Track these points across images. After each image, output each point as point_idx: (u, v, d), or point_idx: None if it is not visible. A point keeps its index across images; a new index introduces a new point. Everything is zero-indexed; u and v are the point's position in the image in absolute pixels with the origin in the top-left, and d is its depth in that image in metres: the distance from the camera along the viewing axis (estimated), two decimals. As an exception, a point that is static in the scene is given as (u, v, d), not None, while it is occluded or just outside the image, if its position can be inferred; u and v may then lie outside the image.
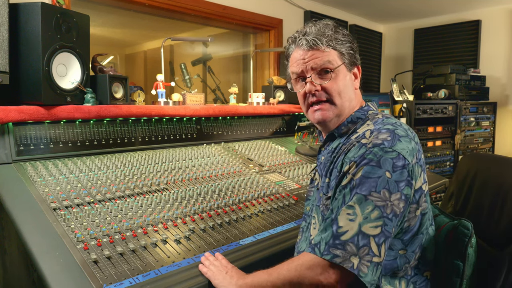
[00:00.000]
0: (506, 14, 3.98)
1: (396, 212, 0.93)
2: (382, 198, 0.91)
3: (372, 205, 0.91)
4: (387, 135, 0.99)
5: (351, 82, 1.15)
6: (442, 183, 2.48)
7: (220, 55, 3.84)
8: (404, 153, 0.96)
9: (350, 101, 1.14)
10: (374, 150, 0.96)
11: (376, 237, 0.89)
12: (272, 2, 3.40)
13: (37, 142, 1.57)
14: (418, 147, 1.04)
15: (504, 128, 4.04)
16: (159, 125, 1.99)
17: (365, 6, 4.03)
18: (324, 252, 0.90)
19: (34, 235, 1.13)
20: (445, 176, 2.87)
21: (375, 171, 0.93)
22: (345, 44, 1.12)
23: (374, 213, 0.90)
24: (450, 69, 3.67)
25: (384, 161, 0.94)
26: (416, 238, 1.04)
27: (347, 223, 0.90)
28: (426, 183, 1.04)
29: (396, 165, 0.94)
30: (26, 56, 1.52)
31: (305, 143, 2.49)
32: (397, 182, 0.93)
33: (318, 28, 1.11)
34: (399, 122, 1.07)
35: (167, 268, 1.12)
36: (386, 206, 0.91)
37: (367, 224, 0.89)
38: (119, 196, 1.46)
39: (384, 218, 0.90)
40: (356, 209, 0.91)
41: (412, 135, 1.04)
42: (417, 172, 1.00)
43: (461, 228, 1.07)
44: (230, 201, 1.57)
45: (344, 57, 1.12)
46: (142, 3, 2.57)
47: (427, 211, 1.06)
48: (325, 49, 1.09)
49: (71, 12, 1.62)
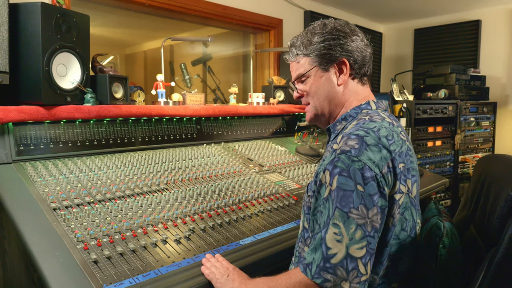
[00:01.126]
0: (506, 14, 3.98)
1: (376, 228, 0.96)
2: (361, 216, 0.94)
3: (354, 224, 0.94)
4: (355, 142, 0.99)
5: (329, 80, 1.16)
6: (442, 183, 2.48)
7: (220, 55, 3.84)
8: (370, 164, 0.95)
9: (329, 99, 1.17)
10: (341, 157, 0.97)
11: (362, 258, 0.93)
12: (272, 2, 3.40)
13: (37, 142, 1.57)
14: (394, 155, 1.00)
15: (504, 128, 4.04)
16: (159, 125, 1.99)
17: (365, 6, 4.03)
18: (315, 275, 0.94)
19: (34, 235, 1.13)
20: (445, 176, 2.87)
21: (347, 182, 0.95)
22: (319, 44, 1.14)
23: (357, 233, 0.93)
24: (450, 69, 3.67)
25: (353, 171, 0.95)
26: (384, 250, 1.04)
27: (335, 244, 0.94)
28: (402, 194, 1.01)
29: (365, 177, 0.95)
30: (26, 56, 1.52)
31: (305, 143, 2.49)
32: (371, 196, 0.95)
33: (295, 39, 1.21)
34: (377, 127, 1.03)
35: (167, 268, 1.12)
36: (366, 224, 0.94)
37: (354, 245, 0.93)
38: (119, 196, 1.46)
39: (367, 237, 0.94)
40: (341, 228, 0.94)
41: (387, 143, 1.00)
42: (391, 181, 0.99)
43: (434, 229, 1.06)
44: (230, 201, 1.57)
45: (315, 60, 1.16)
46: (142, 3, 2.57)
47: (397, 224, 1.04)
48: (298, 59, 1.20)
49: (71, 12, 1.62)
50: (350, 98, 1.17)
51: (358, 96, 1.18)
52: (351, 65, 1.15)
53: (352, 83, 1.17)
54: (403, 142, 1.06)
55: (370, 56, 1.19)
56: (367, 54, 1.17)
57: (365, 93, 1.19)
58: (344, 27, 1.16)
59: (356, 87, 1.18)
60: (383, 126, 1.05)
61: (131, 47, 4.37)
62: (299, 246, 1.17)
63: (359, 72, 1.17)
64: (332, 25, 1.16)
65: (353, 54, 1.14)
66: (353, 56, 1.15)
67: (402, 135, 1.09)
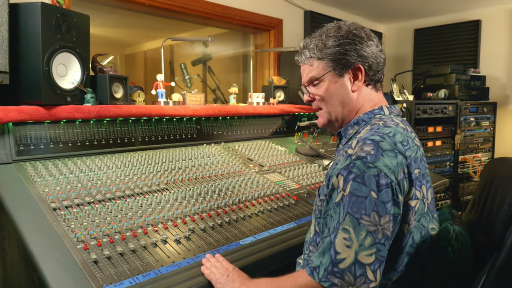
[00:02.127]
0: (506, 14, 3.98)
1: (387, 235, 0.94)
2: (372, 223, 0.93)
3: (365, 231, 0.92)
4: (371, 148, 0.98)
5: (343, 86, 1.14)
6: (442, 183, 2.48)
7: (220, 55, 3.84)
8: (386, 171, 0.94)
9: (343, 105, 1.15)
10: (357, 163, 0.96)
11: (371, 265, 0.92)
12: (272, 2, 3.40)
13: (37, 142, 1.57)
14: (410, 160, 1.00)
15: (504, 128, 4.04)
16: (159, 125, 1.99)
17: (365, 6, 4.03)
18: (323, 278, 0.93)
19: (34, 235, 1.13)
20: (445, 176, 2.87)
21: (361, 189, 0.94)
22: (335, 48, 1.11)
23: (367, 240, 0.92)
24: (450, 69, 3.67)
25: (368, 178, 0.94)
26: (399, 257, 1.03)
27: (344, 249, 0.93)
28: (418, 200, 1.00)
29: (380, 184, 0.93)
30: (26, 56, 1.52)
31: (305, 143, 2.49)
32: (384, 203, 0.93)
33: (309, 41, 1.17)
34: (392, 132, 1.02)
35: (167, 268, 1.12)
36: (377, 231, 0.93)
37: (363, 252, 0.92)
38: (119, 196, 1.46)
39: (377, 244, 0.93)
40: (351, 234, 0.93)
41: (402, 148, 1.00)
42: (406, 188, 0.98)
43: (444, 233, 1.04)
44: (230, 201, 1.57)
45: (330, 65, 1.13)
46: (142, 3, 2.57)
47: (414, 231, 1.03)
48: (311, 62, 1.16)
49: (71, 12, 1.62)
50: (364, 104, 1.15)
51: (372, 102, 1.16)
52: (366, 71, 1.12)
53: (366, 89, 1.15)
54: (417, 147, 1.05)
55: (384, 62, 1.16)
56: (382, 60, 1.15)
57: (378, 99, 1.17)
58: (360, 31, 1.13)
59: (370, 93, 1.16)
60: (398, 132, 1.03)
61: (131, 47, 4.37)
62: (310, 250, 1.15)
63: (373, 78, 1.15)
64: (347, 28, 1.13)
65: (368, 60, 1.12)
66: (368, 62, 1.12)
67: (416, 140, 1.08)
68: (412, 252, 1.04)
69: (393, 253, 1.01)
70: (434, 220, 1.10)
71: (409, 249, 1.03)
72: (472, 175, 3.64)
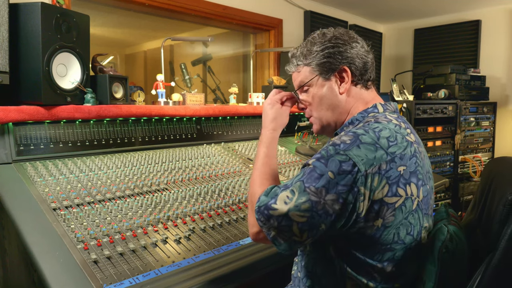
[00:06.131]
0: (506, 14, 3.98)
1: (328, 212, 0.94)
2: (317, 195, 0.94)
3: (306, 197, 0.94)
4: (349, 138, 0.99)
5: (331, 89, 1.15)
6: (442, 183, 2.49)
7: (220, 55, 3.84)
8: (357, 160, 0.94)
9: (333, 108, 1.16)
10: (329, 148, 0.98)
11: (299, 223, 0.94)
12: (272, 2, 3.40)
13: (37, 142, 1.57)
14: (393, 157, 0.98)
15: (504, 128, 4.04)
16: (159, 125, 1.99)
17: (365, 6, 4.03)
18: (256, 207, 1.00)
19: (34, 235, 1.13)
20: (445, 176, 2.88)
21: (321, 168, 0.95)
22: (320, 53, 1.14)
23: (305, 205, 0.94)
24: (450, 69, 3.67)
25: (331, 161, 0.95)
26: (385, 254, 1.02)
27: (281, 203, 0.96)
28: (400, 197, 0.98)
29: (342, 169, 0.94)
30: (26, 56, 1.52)
31: (305, 143, 2.49)
32: (338, 184, 0.94)
33: (295, 50, 1.21)
34: (380, 128, 1.02)
35: (167, 268, 1.12)
36: (318, 203, 0.93)
37: (295, 212, 0.94)
38: (119, 196, 1.46)
39: (313, 212, 0.93)
40: (294, 196, 0.95)
41: (386, 144, 0.98)
42: (378, 183, 0.96)
43: (438, 233, 1.03)
44: (230, 201, 1.57)
45: (316, 69, 1.15)
46: (142, 3, 2.57)
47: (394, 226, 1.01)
48: (299, 69, 1.20)
49: (71, 12, 1.62)
50: (355, 104, 1.16)
51: (364, 100, 1.17)
52: (352, 72, 1.14)
53: (355, 89, 1.16)
54: (408, 144, 1.04)
55: (371, 62, 1.18)
56: (368, 60, 1.17)
57: (370, 97, 1.18)
58: (343, 35, 1.16)
59: (360, 92, 1.17)
60: (387, 128, 1.03)
61: (131, 47, 4.37)
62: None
63: (362, 78, 1.16)
64: (331, 34, 1.16)
65: (354, 61, 1.14)
66: (354, 63, 1.14)
67: (410, 137, 1.06)
68: (401, 250, 1.03)
69: (369, 245, 1.01)
70: (430, 219, 1.10)
71: (398, 246, 1.02)
72: (472, 175, 3.64)
